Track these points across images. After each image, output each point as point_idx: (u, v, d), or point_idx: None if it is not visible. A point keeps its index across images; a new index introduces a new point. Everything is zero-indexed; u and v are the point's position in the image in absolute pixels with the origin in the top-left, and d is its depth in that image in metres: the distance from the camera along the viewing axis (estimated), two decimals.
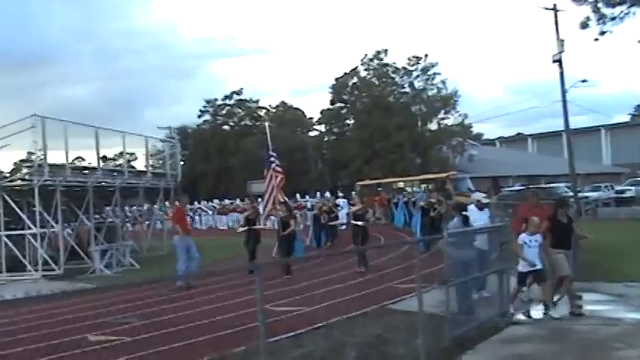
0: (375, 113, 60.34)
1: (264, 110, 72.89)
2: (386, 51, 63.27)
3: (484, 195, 13.85)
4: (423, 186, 41.93)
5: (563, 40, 38.38)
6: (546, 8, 38.19)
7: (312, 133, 71.83)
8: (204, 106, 71.82)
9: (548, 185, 46.19)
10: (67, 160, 21.21)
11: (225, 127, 71.41)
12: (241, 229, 19.04)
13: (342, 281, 15.48)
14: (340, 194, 40.02)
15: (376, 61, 63.48)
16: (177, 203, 18.91)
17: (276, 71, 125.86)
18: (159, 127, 48.95)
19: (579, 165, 67.47)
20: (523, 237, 10.84)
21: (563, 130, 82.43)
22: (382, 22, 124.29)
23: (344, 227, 32.81)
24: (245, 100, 72.02)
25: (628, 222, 29.64)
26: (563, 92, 39.00)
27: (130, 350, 9.67)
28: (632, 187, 47.73)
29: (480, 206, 12.93)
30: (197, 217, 48.19)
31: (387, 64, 63.55)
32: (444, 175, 45.71)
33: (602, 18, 27.79)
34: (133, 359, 9.32)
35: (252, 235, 18.29)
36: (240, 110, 72.21)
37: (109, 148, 25.93)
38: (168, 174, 27.54)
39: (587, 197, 40.71)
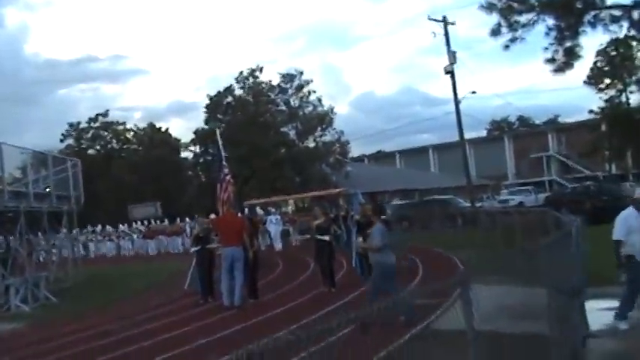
0: (251, 131, 58.99)
1: (131, 132, 69.38)
2: (261, 69, 62.32)
3: None
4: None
5: (455, 52, 39.08)
6: (436, 20, 38.81)
7: (184, 154, 69.29)
8: (67, 130, 67.18)
9: (441, 197, 46.72)
10: None
11: (91, 151, 67.10)
12: (193, 249, 16.83)
13: (327, 304, 13.82)
14: (272, 209, 37.37)
15: (251, 79, 62.27)
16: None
17: (136, 94, 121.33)
18: (22, 152, 44.35)
19: (449, 178, 69.97)
20: None
21: (430, 146, 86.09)
22: (256, 40, 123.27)
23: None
24: (111, 122, 68.22)
25: None
26: (457, 103, 39.65)
27: None
28: (514, 197, 49.64)
29: None
30: (122, 242, 44.23)
31: (262, 82, 62.54)
32: (336, 190, 45.18)
33: (512, 25, 28.20)
34: None
35: (207, 257, 16.21)
36: (106, 133, 68.30)
37: None
38: (72, 196, 24.71)
39: (481, 206, 41.35)
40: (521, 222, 19.68)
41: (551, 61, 29.96)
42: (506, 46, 29.02)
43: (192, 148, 66.99)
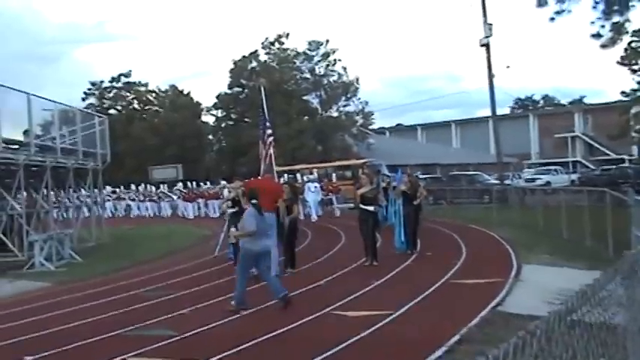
0: (276, 99, 57.99)
1: (153, 94, 68.49)
2: (287, 35, 61.14)
3: None
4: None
5: (491, 25, 37.84)
6: None
7: (205, 119, 68.43)
8: (89, 89, 66.52)
9: (469, 173, 45.94)
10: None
11: (112, 111, 66.30)
12: (230, 211, 15.94)
13: (379, 276, 13.07)
14: (311, 176, 35.77)
15: (277, 45, 61.17)
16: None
17: (161, 58, 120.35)
18: (44, 109, 43.69)
19: (472, 154, 68.87)
20: None
21: (453, 121, 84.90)
22: (283, 6, 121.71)
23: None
24: (134, 82, 67.39)
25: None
26: (490, 77, 38.51)
27: None
28: (540, 176, 48.48)
29: None
30: (162, 204, 43.53)
31: (287, 49, 61.41)
32: (360, 161, 44.66)
33: None
34: None
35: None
36: (128, 94, 67.56)
37: None
38: (97, 154, 24.01)
39: (509, 185, 40.31)
40: (570, 201, 18.78)
41: (597, 36, 28.89)
42: (552, 19, 28.01)
43: (213, 112, 66.15)
